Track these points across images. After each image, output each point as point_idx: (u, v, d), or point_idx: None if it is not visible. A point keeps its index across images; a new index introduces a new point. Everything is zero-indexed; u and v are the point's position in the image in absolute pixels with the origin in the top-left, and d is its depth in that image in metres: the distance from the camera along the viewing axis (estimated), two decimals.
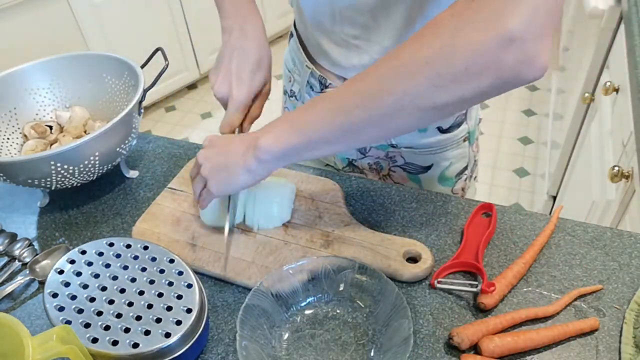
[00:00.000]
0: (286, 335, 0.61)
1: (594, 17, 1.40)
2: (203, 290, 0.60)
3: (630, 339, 0.58)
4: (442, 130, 0.81)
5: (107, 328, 0.54)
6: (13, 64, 0.86)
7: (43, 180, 0.73)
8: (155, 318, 0.55)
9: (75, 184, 0.77)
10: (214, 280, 0.69)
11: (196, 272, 0.69)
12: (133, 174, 0.86)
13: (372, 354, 0.59)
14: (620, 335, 0.59)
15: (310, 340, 0.61)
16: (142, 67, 0.84)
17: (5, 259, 0.73)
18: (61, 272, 0.59)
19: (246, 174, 0.61)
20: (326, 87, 0.82)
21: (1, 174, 0.72)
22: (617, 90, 1.22)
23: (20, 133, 0.87)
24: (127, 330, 0.54)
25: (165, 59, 0.82)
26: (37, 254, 0.72)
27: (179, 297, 0.57)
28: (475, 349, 0.59)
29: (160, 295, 0.57)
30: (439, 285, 0.64)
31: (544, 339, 0.58)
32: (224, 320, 0.64)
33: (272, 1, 3.01)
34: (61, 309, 0.56)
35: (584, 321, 0.60)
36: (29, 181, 0.73)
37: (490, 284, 0.62)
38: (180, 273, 0.59)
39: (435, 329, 0.61)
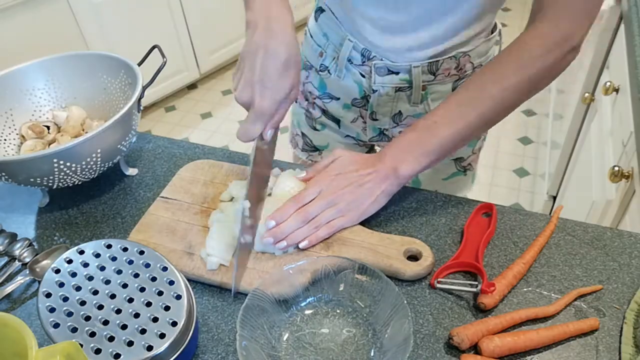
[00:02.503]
0: (286, 335, 0.61)
1: None
2: (193, 301, 0.59)
3: (630, 339, 0.58)
4: None
5: (92, 334, 0.54)
6: (13, 64, 0.86)
7: (45, 178, 0.73)
8: (140, 328, 0.54)
9: (76, 182, 0.77)
10: None
11: (195, 282, 0.68)
12: (132, 171, 0.86)
13: (372, 354, 0.59)
14: (620, 335, 0.59)
15: (310, 340, 0.61)
16: (139, 64, 0.84)
17: (5, 259, 0.73)
18: (58, 271, 0.59)
19: (387, 197, 0.71)
20: (369, 59, 0.84)
21: (3, 173, 0.72)
22: (617, 90, 1.22)
23: (17, 134, 0.87)
24: (111, 338, 0.53)
25: (163, 55, 0.82)
26: (37, 254, 0.72)
27: (167, 308, 0.56)
28: (475, 349, 0.59)
29: (148, 304, 0.56)
30: (438, 285, 0.64)
31: (544, 339, 0.58)
32: (223, 320, 0.64)
33: None
34: (52, 310, 0.55)
35: (584, 321, 0.60)
36: (31, 180, 0.73)
37: (490, 284, 0.62)
38: (172, 282, 0.58)
39: (435, 329, 0.61)
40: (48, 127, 0.87)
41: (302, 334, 0.61)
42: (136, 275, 0.59)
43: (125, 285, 0.58)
